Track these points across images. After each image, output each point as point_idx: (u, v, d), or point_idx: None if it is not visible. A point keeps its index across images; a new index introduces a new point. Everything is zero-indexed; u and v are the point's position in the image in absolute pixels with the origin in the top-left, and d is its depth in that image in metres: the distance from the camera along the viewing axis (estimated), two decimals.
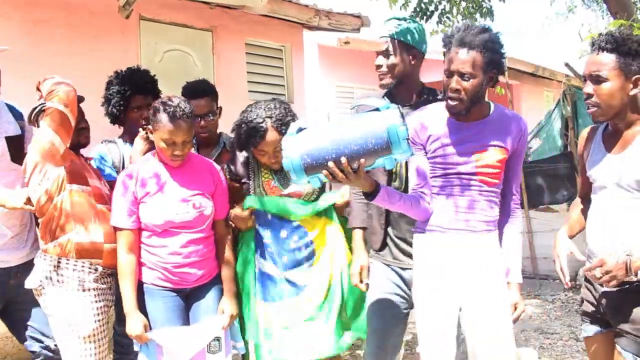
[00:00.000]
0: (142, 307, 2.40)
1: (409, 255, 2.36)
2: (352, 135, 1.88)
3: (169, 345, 2.35)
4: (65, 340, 2.37)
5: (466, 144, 2.13)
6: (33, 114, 2.36)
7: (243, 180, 2.64)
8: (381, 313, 2.44)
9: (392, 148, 1.87)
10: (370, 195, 2.03)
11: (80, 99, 2.45)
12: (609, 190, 2.02)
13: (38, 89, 2.41)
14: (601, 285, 1.94)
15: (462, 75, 2.02)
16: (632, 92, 1.94)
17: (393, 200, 2.09)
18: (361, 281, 2.46)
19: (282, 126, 2.44)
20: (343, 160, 1.87)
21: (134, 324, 2.34)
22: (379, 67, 2.47)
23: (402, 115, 1.90)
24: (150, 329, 2.37)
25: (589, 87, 1.98)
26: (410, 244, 2.34)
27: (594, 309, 2.11)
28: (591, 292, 2.12)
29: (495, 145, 2.12)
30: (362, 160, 1.89)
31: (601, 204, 2.05)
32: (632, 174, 1.95)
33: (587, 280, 2.15)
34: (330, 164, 1.88)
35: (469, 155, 2.12)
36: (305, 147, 1.91)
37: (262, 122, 2.45)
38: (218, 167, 2.61)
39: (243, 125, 2.49)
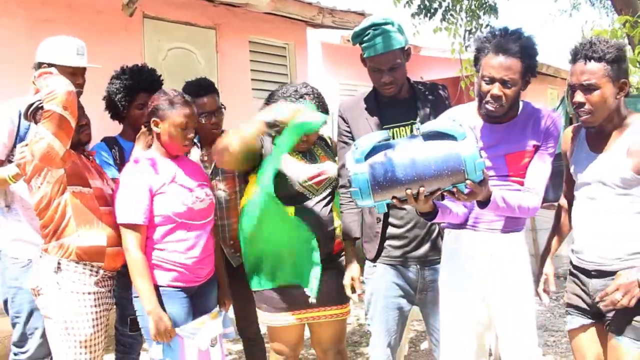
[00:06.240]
0: None
1: (408, 252, 2.41)
2: (426, 164, 1.88)
3: (191, 337, 2.34)
4: (60, 344, 2.30)
5: (499, 146, 2.16)
6: (30, 111, 2.29)
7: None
8: (385, 316, 2.46)
9: (467, 177, 1.89)
10: (428, 215, 2.06)
11: (77, 93, 2.36)
12: (593, 187, 2.08)
13: (33, 83, 2.32)
14: (624, 306, 1.98)
15: (504, 82, 2.04)
16: (619, 96, 2.03)
17: (445, 215, 2.12)
18: (354, 291, 2.47)
19: (320, 107, 2.52)
20: (421, 189, 1.88)
21: (162, 321, 2.27)
22: (390, 83, 2.36)
23: (477, 144, 1.90)
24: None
25: (579, 96, 2.02)
26: (405, 240, 2.40)
27: (582, 301, 2.17)
28: (578, 285, 2.17)
29: (525, 144, 2.15)
30: (437, 188, 1.90)
31: (586, 202, 2.11)
32: (616, 172, 2.02)
33: (572, 274, 2.22)
34: (409, 191, 1.89)
35: (501, 157, 2.16)
36: (375, 176, 1.91)
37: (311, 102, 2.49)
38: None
39: (300, 100, 2.49)
